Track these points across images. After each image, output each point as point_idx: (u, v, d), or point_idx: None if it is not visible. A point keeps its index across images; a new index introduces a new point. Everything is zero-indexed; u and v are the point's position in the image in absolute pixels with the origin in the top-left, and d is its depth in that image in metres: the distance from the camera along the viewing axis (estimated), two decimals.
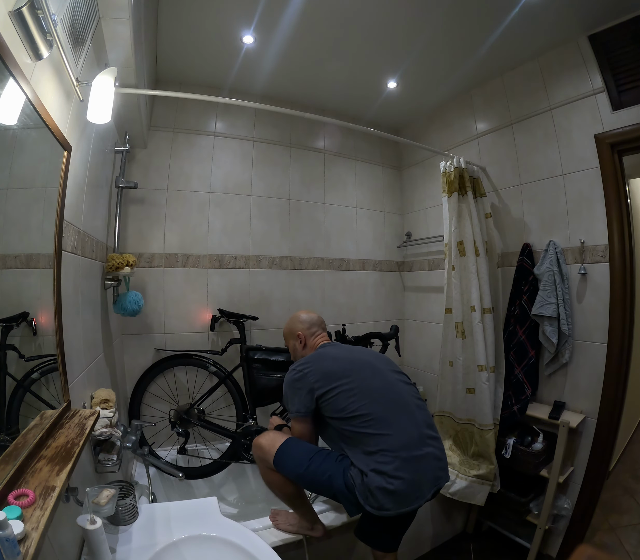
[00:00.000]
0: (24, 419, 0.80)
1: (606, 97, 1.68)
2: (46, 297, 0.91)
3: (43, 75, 0.85)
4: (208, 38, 1.85)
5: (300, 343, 1.50)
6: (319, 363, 1.35)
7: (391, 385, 1.31)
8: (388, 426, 1.20)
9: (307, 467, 1.23)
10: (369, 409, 1.22)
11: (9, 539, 0.50)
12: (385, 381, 1.32)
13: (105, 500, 0.92)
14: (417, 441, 1.21)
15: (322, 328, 1.54)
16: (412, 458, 1.17)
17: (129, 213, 2.06)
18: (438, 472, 1.23)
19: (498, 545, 1.91)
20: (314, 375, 1.30)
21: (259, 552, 0.97)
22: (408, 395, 1.32)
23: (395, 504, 1.13)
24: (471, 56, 1.95)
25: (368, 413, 1.21)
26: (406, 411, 1.26)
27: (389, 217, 2.90)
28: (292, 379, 1.34)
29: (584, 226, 1.78)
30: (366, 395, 1.24)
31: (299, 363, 1.38)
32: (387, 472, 1.13)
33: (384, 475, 1.13)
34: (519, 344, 1.92)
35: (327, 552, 1.49)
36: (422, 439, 1.22)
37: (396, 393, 1.30)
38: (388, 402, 1.26)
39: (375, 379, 1.31)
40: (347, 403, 1.23)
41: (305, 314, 1.55)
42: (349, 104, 2.56)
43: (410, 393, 1.33)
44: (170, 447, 2.06)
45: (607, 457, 1.69)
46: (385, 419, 1.21)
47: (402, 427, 1.21)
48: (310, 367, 1.33)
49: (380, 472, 1.14)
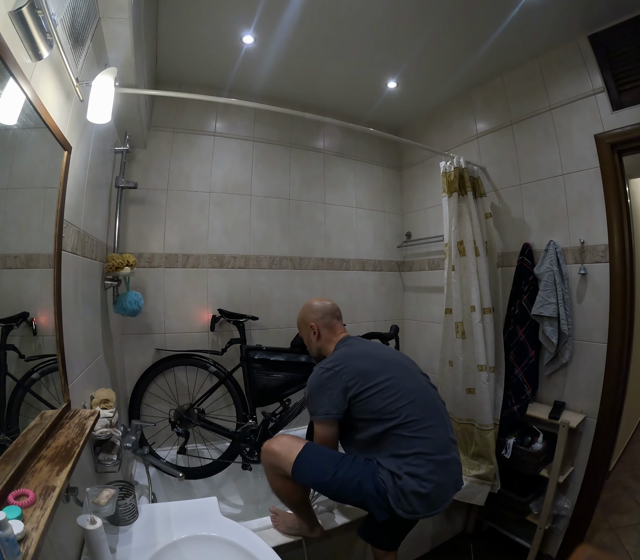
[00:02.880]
0: (24, 419, 0.80)
1: (606, 97, 1.68)
2: (46, 297, 0.91)
3: (43, 75, 0.85)
4: (208, 38, 1.85)
5: (314, 334, 1.42)
6: (352, 361, 1.26)
7: (424, 388, 1.28)
8: (425, 429, 1.17)
9: (334, 474, 1.16)
10: (409, 410, 1.18)
11: (9, 539, 0.50)
12: (419, 383, 1.28)
13: (105, 500, 0.92)
14: (446, 445, 1.20)
15: (336, 317, 1.46)
16: (444, 462, 1.16)
17: (129, 213, 2.06)
18: (459, 476, 1.23)
19: (498, 545, 1.91)
20: (347, 374, 1.22)
21: (259, 552, 0.97)
22: (437, 399, 1.30)
23: (426, 507, 1.12)
24: (471, 56, 1.95)
25: (407, 415, 1.17)
26: (438, 415, 1.24)
27: (389, 217, 2.90)
28: (323, 378, 1.24)
29: (584, 226, 1.78)
30: (405, 396, 1.20)
31: (327, 361, 1.29)
32: (420, 476, 1.12)
33: (418, 479, 1.11)
34: (519, 344, 1.92)
35: (327, 552, 1.49)
36: (449, 443, 1.22)
37: (429, 395, 1.27)
38: (424, 404, 1.22)
39: (411, 380, 1.27)
40: (384, 404, 1.18)
41: (319, 302, 1.47)
42: (349, 104, 2.56)
43: (438, 396, 1.32)
44: (170, 447, 2.06)
45: (607, 457, 1.69)
46: (423, 421, 1.18)
47: (436, 430, 1.19)
48: (342, 364, 1.24)
49: (414, 475, 1.12)
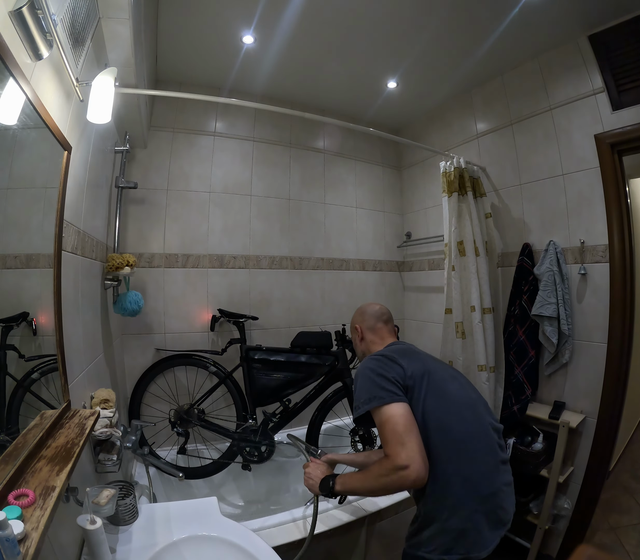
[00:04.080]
0: (24, 419, 0.80)
1: (606, 97, 1.68)
2: (46, 297, 0.91)
3: (43, 75, 0.85)
4: (208, 38, 1.85)
5: (358, 337, 1.34)
6: (404, 353, 1.15)
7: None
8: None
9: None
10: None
11: (9, 539, 0.50)
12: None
13: (105, 500, 0.92)
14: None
15: (383, 321, 1.33)
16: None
17: (129, 213, 2.06)
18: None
19: (498, 545, 1.91)
20: (404, 362, 1.08)
21: (259, 552, 0.97)
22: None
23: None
24: (471, 56, 1.96)
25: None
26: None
27: (389, 217, 2.90)
28: (376, 363, 1.09)
29: (584, 226, 1.78)
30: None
31: (378, 352, 1.16)
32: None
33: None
34: (519, 344, 1.92)
35: (327, 552, 1.49)
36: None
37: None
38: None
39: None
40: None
41: (367, 305, 1.39)
42: (349, 104, 2.56)
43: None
44: (170, 447, 2.06)
45: (607, 457, 1.69)
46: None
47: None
48: (395, 354, 1.12)
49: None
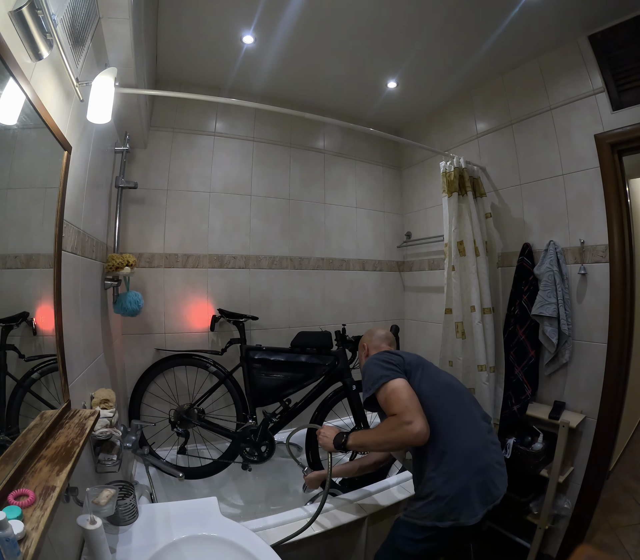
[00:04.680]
0: (24, 419, 0.80)
1: (606, 97, 1.68)
2: (46, 297, 0.91)
3: (43, 75, 0.85)
4: (208, 38, 1.85)
5: (364, 353, 1.51)
6: (403, 352, 1.35)
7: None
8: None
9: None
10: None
11: (9, 539, 0.50)
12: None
13: (105, 500, 0.92)
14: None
15: (387, 343, 1.52)
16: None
17: (129, 213, 2.06)
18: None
19: (498, 545, 1.91)
20: (403, 354, 1.30)
21: (259, 552, 0.97)
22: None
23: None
24: (471, 56, 1.96)
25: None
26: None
27: (388, 217, 2.90)
28: (380, 355, 1.27)
29: (584, 226, 1.78)
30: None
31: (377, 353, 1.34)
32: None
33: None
34: (519, 344, 1.92)
35: (327, 552, 1.49)
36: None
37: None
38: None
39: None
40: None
41: (377, 328, 1.59)
42: (349, 104, 2.56)
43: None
44: (170, 447, 2.06)
45: (607, 457, 1.69)
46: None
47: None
48: (396, 350, 1.37)
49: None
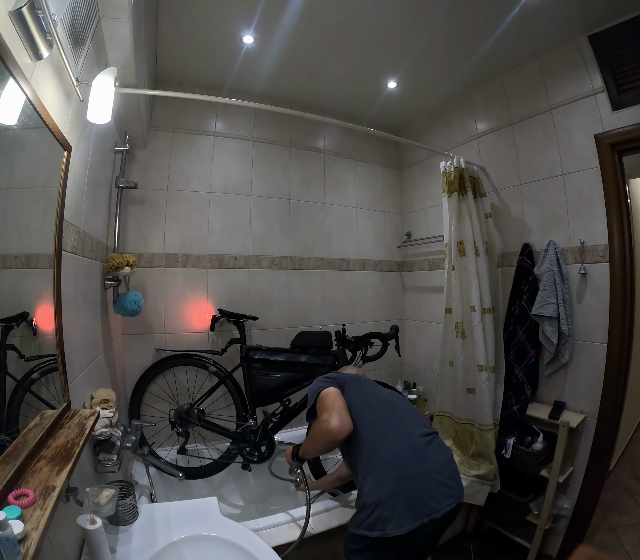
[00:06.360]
0: (24, 419, 0.80)
1: (606, 97, 1.68)
2: (46, 297, 0.91)
3: (43, 75, 0.85)
4: (208, 38, 1.85)
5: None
6: (339, 372, 1.54)
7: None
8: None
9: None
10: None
11: (9, 539, 0.50)
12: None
13: (105, 500, 0.92)
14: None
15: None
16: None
17: (129, 213, 2.06)
18: None
19: (498, 545, 1.91)
20: (343, 373, 1.49)
21: (259, 552, 0.97)
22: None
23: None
24: (471, 56, 1.95)
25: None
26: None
27: (389, 217, 2.90)
28: (320, 378, 1.42)
29: (584, 226, 1.78)
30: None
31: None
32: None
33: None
34: (519, 344, 1.92)
35: (327, 552, 1.49)
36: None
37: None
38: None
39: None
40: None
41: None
42: (349, 104, 2.56)
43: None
44: (170, 447, 2.06)
45: (607, 457, 1.69)
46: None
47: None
48: (334, 372, 1.51)
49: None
